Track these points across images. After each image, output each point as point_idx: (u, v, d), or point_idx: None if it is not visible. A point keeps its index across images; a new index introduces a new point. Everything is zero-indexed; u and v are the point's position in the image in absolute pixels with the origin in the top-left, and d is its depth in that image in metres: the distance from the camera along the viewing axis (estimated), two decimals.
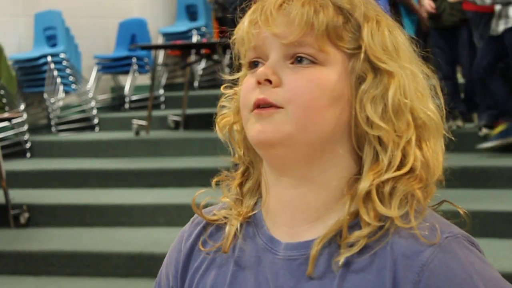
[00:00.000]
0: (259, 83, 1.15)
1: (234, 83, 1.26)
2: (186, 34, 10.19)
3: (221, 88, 1.27)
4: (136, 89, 9.51)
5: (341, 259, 1.12)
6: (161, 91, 9.54)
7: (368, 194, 1.13)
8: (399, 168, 1.13)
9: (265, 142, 1.15)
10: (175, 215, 5.68)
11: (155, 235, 5.62)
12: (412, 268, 1.10)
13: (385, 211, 1.12)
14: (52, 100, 8.53)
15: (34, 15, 8.87)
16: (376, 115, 1.14)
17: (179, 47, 9.16)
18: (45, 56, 8.51)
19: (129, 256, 5.37)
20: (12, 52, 8.18)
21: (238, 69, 1.25)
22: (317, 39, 1.14)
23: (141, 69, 9.52)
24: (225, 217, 1.25)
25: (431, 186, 1.17)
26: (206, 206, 1.30)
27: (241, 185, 1.25)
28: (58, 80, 8.52)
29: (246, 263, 1.21)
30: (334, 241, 1.14)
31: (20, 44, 8.74)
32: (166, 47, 9.54)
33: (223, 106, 1.26)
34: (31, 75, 8.40)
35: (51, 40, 8.86)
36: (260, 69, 1.16)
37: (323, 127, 1.14)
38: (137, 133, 7.97)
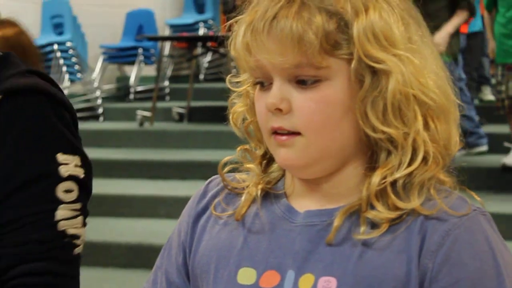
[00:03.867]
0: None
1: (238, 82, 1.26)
2: (193, 27, 10.18)
3: (227, 82, 1.26)
4: (142, 80, 9.51)
5: (361, 236, 1.14)
6: (166, 83, 9.54)
7: (383, 190, 1.14)
8: (411, 161, 1.14)
9: (292, 167, 1.19)
10: (176, 207, 5.66)
11: (155, 227, 5.62)
12: (438, 231, 1.12)
13: (404, 205, 1.14)
14: None
15: (41, 3, 8.87)
16: (377, 118, 1.13)
17: (186, 39, 9.16)
18: (51, 44, 8.52)
19: (128, 246, 5.37)
20: None
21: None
22: (313, 57, 1.12)
23: (147, 60, 9.51)
24: (245, 185, 1.26)
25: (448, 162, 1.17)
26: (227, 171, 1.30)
27: (261, 164, 1.26)
28: (64, 68, 8.53)
29: (259, 230, 1.22)
30: (356, 212, 1.16)
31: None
32: (173, 38, 9.54)
33: (234, 103, 1.26)
34: None
35: (58, 28, 8.87)
36: (269, 100, 1.15)
37: (342, 139, 1.16)
38: (141, 124, 7.97)
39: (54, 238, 1.38)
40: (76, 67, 8.71)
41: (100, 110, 8.81)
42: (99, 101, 8.87)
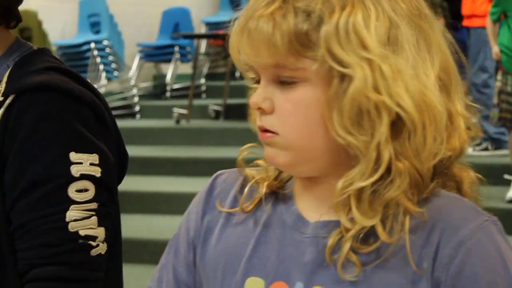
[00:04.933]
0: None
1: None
2: (229, 24, 10.19)
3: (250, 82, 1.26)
4: (178, 77, 9.55)
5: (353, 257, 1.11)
6: (203, 80, 9.57)
7: (346, 199, 1.10)
8: (373, 172, 1.09)
9: (277, 165, 1.18)
10: None
11: None
12: (451, 243, 1.09)
13: (362, 220, 1.09)
14: (95, 86, 8.58)
15: (78, 2, 8.94)
16: (339, 124, 1.09)
17: (222, 37, 9.18)
18: (88, 42, 8.58)
19: (165, 243, 5.37)
20: (56, 38, 8.25)
21: None
22: (285, 59, 1.10)
23: (183, 58, 9.55)
24: (256, 181, 1.24)
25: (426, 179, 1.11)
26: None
27: None
28: (101, 67, 8.58)
29: (269, 238, 1.20)
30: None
31: (64, 30, 8.81)
32: (209, 36, 9.56)
33: None
34: (74, 61, 8.47)
35: (95, 27, 8.93)
36: (252, 99, 1.15)
37: (324, 142, 1.12)
38: (177, 121, 8.00)
39: (65, 241, 1.33)
40: (113, 65, 8.77)
41: (137, 108, 8.86)
42: (136, 99, 8.92)
